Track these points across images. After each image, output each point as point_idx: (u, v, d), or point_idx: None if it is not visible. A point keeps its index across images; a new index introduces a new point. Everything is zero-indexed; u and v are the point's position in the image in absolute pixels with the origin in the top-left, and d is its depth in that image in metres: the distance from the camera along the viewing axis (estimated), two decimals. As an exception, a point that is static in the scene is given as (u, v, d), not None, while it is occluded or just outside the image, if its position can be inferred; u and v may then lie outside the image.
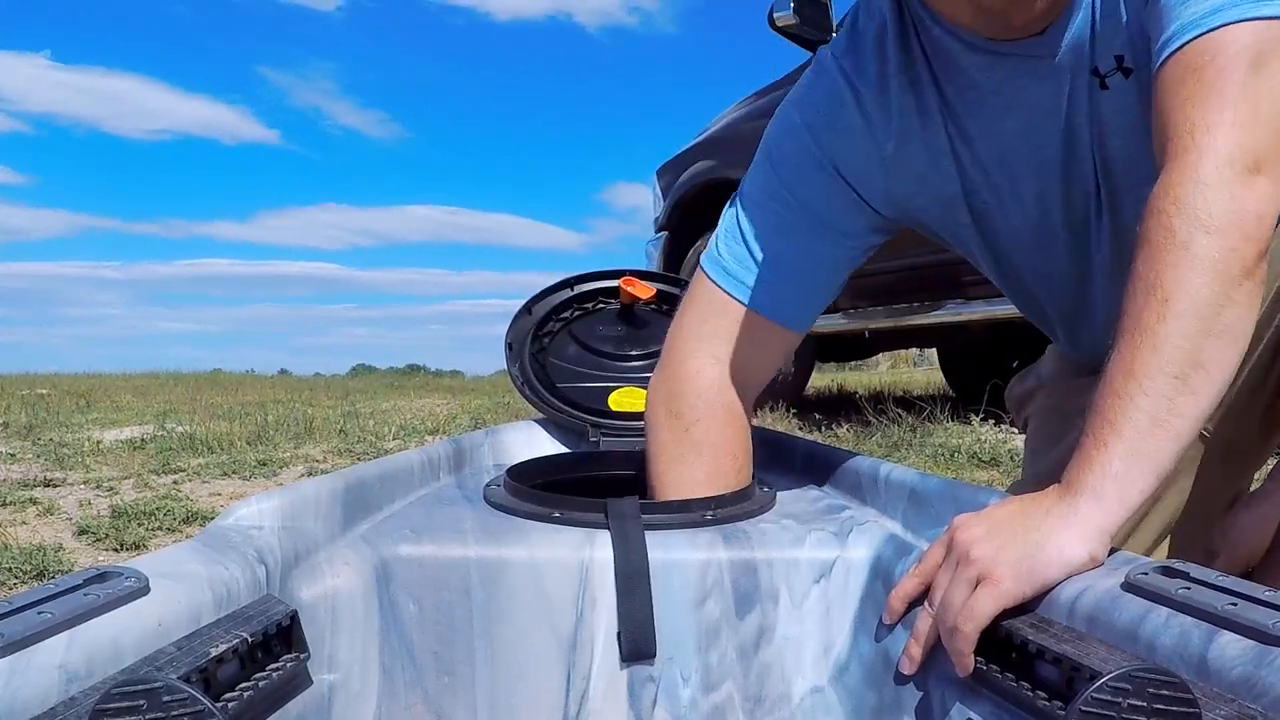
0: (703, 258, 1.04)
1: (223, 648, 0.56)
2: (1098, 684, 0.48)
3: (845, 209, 0.99)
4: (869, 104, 0.96)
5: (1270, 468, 1.12)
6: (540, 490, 0.87)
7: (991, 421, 3.04)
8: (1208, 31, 0.72)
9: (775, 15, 2.82)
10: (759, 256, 1.00)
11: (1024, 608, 0.62)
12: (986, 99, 0.92)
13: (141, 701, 0.45)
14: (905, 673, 0.70)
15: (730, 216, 1.03)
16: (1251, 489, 1.14)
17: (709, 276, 1.02)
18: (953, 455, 2.81)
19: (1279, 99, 0.71)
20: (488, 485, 0.96)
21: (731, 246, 1.01)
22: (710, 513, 0.84)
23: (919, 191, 0.99)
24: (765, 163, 1.02)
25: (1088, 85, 0.88)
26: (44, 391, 6.59)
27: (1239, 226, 0.66)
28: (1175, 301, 0.65)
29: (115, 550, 1.97)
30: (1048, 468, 1.14)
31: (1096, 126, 0.89)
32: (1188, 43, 0.73)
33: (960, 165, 0.96)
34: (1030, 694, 0.58)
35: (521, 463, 1.06)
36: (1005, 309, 2.76)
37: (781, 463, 1.17)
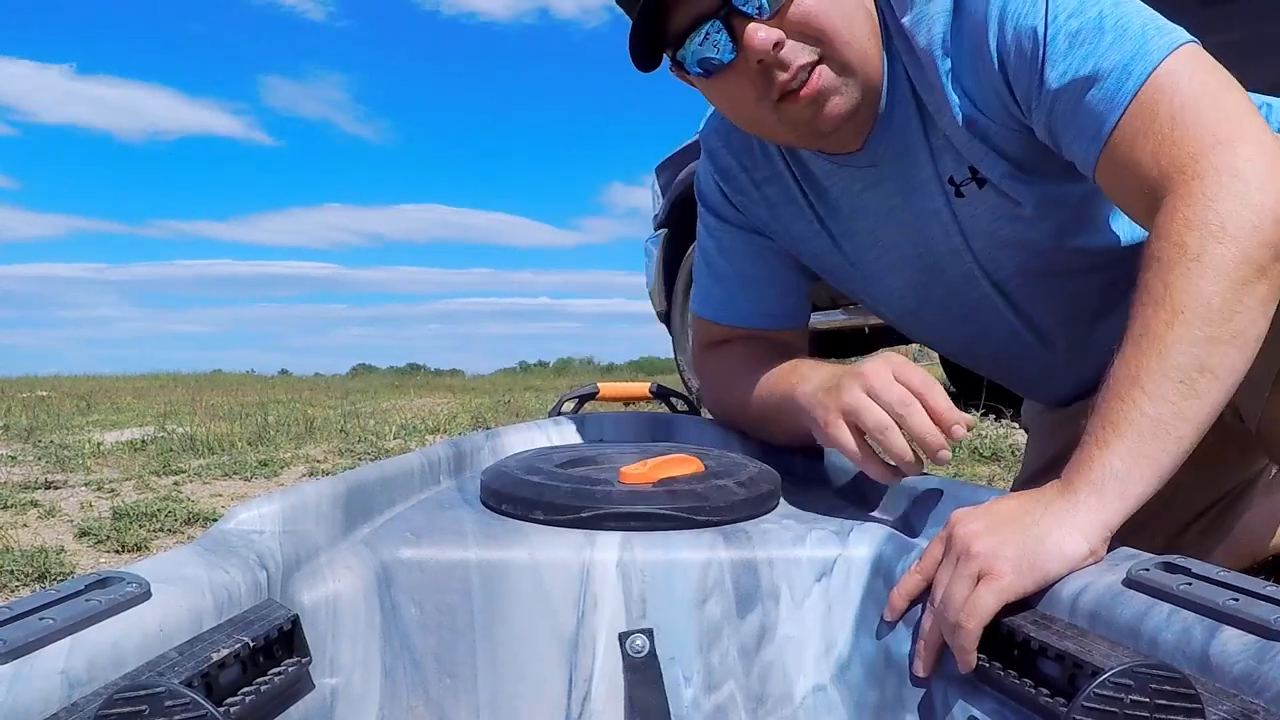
0: (693, 301, 1.17)
1: (224, 652, 0.56)
2: (1100, 680, 0.48)
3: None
4: (752, 177, 1.05)
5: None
6: None
7: (992, 416, 3.04)
8: (1131, 100, 0.74)
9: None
10: (734, 280, 1.09)
11: (1025, 604, 0.62)
12: (839, 203, 0.99)
13: (144, 706, 0.45)
14: (910, 671, 0.70)
15: (699, 259, 1.14)
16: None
17: (703, 316, 1.14)
18: (953, 450, 2.81)
19: (1238, 105, 0.72)
20: (488, 486, 0.96)
21: (708, 284, 1.13)
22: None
23: (812, 257, 1.08)
24: (700, 203, 1.13)
25: (941, 193, 0.92)
26: (44, 394, 6.59)
27: (1254, 233, 0.66)
28: (1185, 309, 0.65)
29: (117, 552, 1.97)
30: (1028, 476, 1.15)
31: (958, 226, 0.94)
32: (1119, 120, 0.74)
33: (839, 249, 1.04)
34: (1033, 690, 0.58)
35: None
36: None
37: (782, 462, 1.17)
